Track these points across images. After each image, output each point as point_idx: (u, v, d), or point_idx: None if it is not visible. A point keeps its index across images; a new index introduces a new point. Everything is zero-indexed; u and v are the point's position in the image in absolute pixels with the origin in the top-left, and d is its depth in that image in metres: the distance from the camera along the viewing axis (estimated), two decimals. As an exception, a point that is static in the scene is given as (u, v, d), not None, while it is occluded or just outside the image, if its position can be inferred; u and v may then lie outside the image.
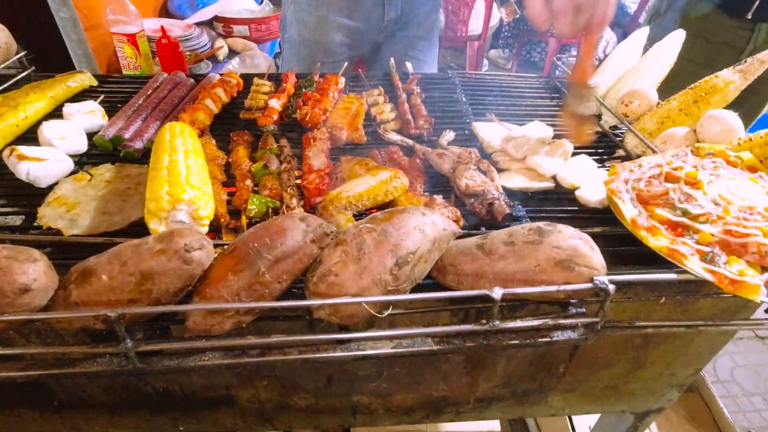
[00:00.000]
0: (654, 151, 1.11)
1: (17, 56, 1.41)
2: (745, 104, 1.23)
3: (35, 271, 0.62)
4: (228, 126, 1.30)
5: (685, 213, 0.78)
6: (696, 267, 0.71)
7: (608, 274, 0.71)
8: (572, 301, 0.76)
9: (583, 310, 0.75)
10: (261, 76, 1.52)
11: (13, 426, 1.06)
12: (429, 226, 0.70)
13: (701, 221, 0.76)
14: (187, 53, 2.76)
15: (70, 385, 0.95)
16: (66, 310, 0.65)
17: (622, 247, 0.89)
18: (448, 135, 1.25)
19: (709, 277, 0.70)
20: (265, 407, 1.08)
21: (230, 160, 1.12)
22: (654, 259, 0.80)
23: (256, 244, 0.67)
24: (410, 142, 1.22)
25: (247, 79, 1.50)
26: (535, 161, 1.11)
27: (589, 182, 1.06)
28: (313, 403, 1.08)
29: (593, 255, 0.70)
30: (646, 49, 1.43)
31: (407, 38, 1.85)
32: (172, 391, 1.00)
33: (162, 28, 2.40)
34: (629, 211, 0.82)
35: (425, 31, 1.88)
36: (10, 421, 1.05)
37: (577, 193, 1.04)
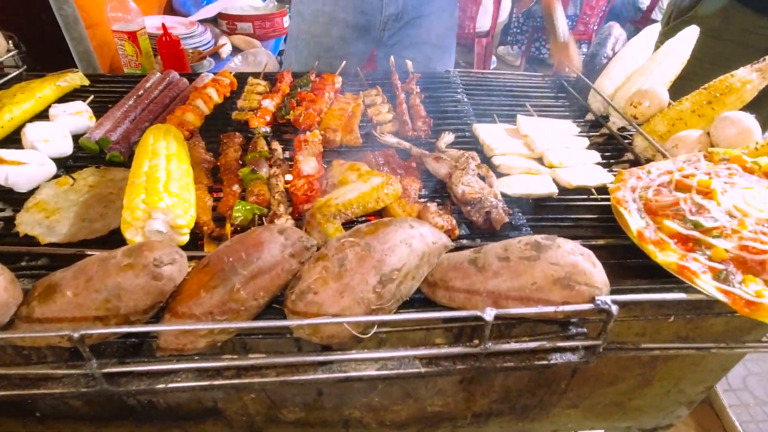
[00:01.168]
0: (664, 156, 1.04)
1: (8, 55, 1.38)
2: (765, 105, 1.16)
3: (-7, 288, 0.58)
4: (220, 127, 1.26)
5: (696, 226, 0.72)
6: (708, 286, 0.65)
7: (612, 292, 0.66)
8: (572, 320, 0.71)
9: (584, 330, 0.70)
10: (256, 75, 1.48)
11: (-4, 436, 1.03)
12: (417, 240, 0.66)
13: (714, 235, 0.70)
14: (190, 51, 2.73)
15: (48, 397, 0.92)
16: (29, 327, 0.61)
17: (627, 258, 0.84)
18: (447, 137, 1.19)
19: (722, 297, 0.64)
20: (254, 420, 1.04)
21: (219, 163, 1.08)
22: (663, 272, 0.74)
23: (230, 259, 0.63)
24: (407, 144, 1.17)
25: (243, 78, 1.45)
26: (531, 138, 1.14)
27: (573, 164, 1.10)
28: (303, 417, 1.04)
29: (595, 272, 0.65)
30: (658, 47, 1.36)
31: (416, 45, 1.75)
32: (157, 404, 0.96)
33: (163, 26, 2.36)
34: (636, 222, 0.76)
35: (437, 37, 1.78)
36: (-8, 432, 1.02)
37: (558, 171, 1.06)
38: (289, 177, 1.04)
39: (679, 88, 1.29)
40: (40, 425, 1.02)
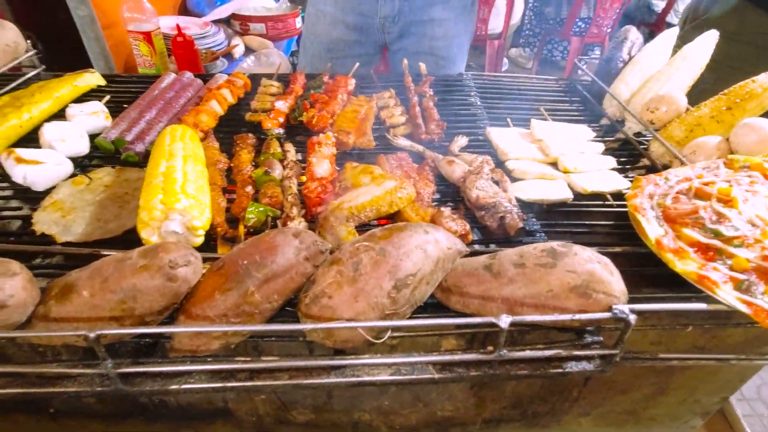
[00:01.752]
0: (682, 162, 1.03)
1: (26, 55, 1.40)
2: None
3: (12, 287, 0.58)
4: (233, 128, 1.27)
5: (717, 235, 0.71)
6: (729, 297, 0.64)
7: (629, 302, 0.65)
8: (588, 328, 0.70)
9: (600, 339, 0.69)
10: (269, 76, 1.48)
11: (10, 431, 1.05)
12: (432, 245, 0.65)
13: (736, 245, 0.69)
14: (203, 51, 2.75)
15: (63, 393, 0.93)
16: (46, 326, 0.62)
17: (643, 266, 0.82)
18: (461, 141, 1.18)
19: (743, 308, 0.63)
20: (264, 421, 1.04)
21: (233, 164, 1.08)
22: (679, 281, 0.73)
23: (245, 262, 0.63)
24: (420, 147, 1.16)
25: (256, 79, 1.46)
26: (546, 143, 1.14)
27: (588, 170, 1.10)
28: (312, 419, 1.04)
29: (612, 281, 0.64)
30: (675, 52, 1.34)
31: (420, 54, 1.70)
32: (168, 402, 0.97)
33: (178, 26, 2.38)
34: (654, 230, 0.75)
35: (444, 47, 1.74)
36: (6, 427, 1.03)
37: (572, 176, 1.06)
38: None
39: (694, 89, 1.27)
40: (53, 422, 1.03)
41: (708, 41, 1.29)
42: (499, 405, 1.02)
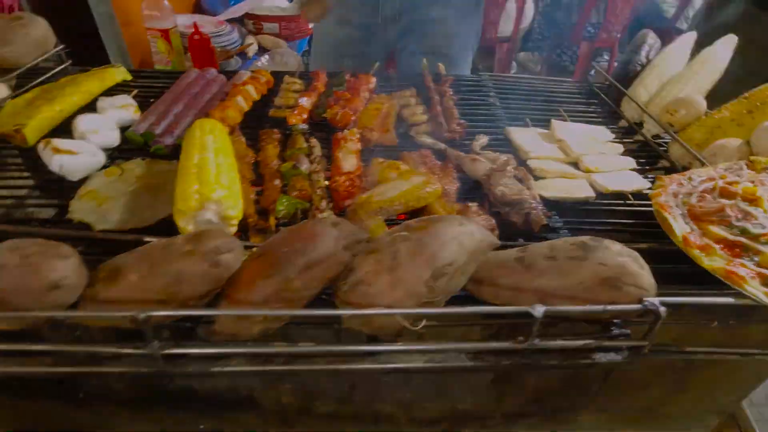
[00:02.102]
0: (702, 163, 1.04)
1: (55, 50, 1.43)
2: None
3: (65, 268, 0.61)
4: (258, 124, 1.29)
5: (743, 232, 0.72)
6: (758, 292, 0.65)
7: (658, 295, 0.67)
8: (615, 321, 0.72)
9: (628, 331, 0.70)
10: (292, 73, 1.51)
11: (38, 416, 1.07)
12: (467, 237, 0.67)
13: (763, 242, 0.70)
14: (218, 49, 2.78)
15: (96, 378, 0.95)
16: (94, 308, 0.64)
17: (664, 264, 0.83)
18: (482, 140, 1.20)
19: (772, 303, 0.64)
20: (287, 411, 1.06)
21: (259, 158, 1.10)
22: (698, 279, 0.74)
23: (285, 249, 0.65)
24: (442, 145, 1.18)
25: (278, 76, 1.49)
26: (567, 143, 1.16)
27: (609, 170, 1.12)
28: (335, 410, 1.05)
29: (643, 274, 0.65)
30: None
31: (419, 54, 1.67)
32: (196, 390, 0.99)
33: (194, 25, 2.41)
34: (680, 227, 0.77)
35: (445, 47, 1.74)
36: (34, 411, 1.05)
37: (594, 176, 1.08)
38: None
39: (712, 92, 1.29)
40: (80, 408, 1.05)
41: (726, 46, 1.30)
42: (520, 399, 1.03)
